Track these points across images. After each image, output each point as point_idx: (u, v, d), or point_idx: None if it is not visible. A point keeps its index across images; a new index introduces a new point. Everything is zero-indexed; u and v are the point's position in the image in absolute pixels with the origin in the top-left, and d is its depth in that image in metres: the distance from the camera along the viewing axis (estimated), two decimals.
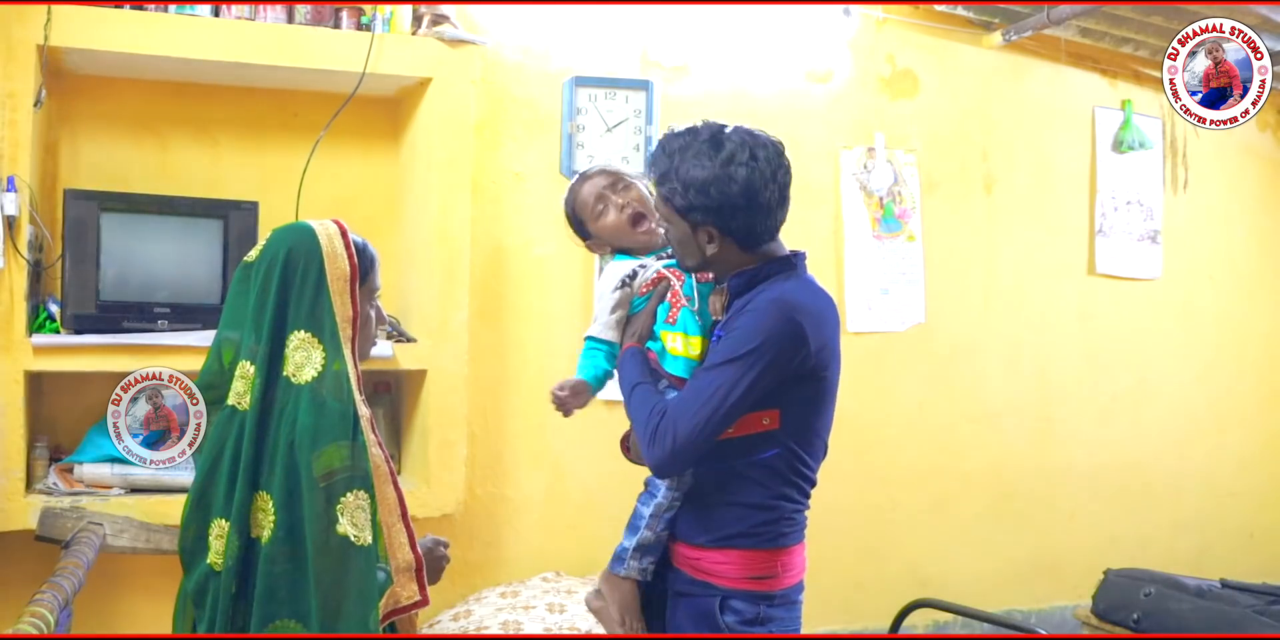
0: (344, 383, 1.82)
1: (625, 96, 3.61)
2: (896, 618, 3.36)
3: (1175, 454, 4.65)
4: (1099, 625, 3.64)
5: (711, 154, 1.89)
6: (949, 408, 4.19)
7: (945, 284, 4.15)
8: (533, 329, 3.57)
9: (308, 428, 1.78)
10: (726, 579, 1.97)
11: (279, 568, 1.77)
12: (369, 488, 1.80)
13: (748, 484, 1.96)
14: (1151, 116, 4.57)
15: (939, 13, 4.09)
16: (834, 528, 3.73)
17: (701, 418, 1.85)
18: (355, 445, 1.79)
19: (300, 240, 1.88)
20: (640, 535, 2.03)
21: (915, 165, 4.10)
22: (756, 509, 1.96)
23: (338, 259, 1.86)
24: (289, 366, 1.83)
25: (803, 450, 1.96)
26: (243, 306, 1.88)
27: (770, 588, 1.97)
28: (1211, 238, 4.74)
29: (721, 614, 1.96)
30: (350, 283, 1.86)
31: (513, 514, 3.56)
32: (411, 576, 1.82)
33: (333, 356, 1.83)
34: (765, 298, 1.91)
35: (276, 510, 1.78)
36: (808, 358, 1.89)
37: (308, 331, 1.83)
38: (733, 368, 1.85)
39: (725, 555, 1.97)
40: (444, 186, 3.18)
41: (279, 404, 1.82)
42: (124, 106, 3.19)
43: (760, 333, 1.86)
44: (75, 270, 2.84)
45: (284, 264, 1.85)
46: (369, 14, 3.11)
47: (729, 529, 1.97)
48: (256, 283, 1.86)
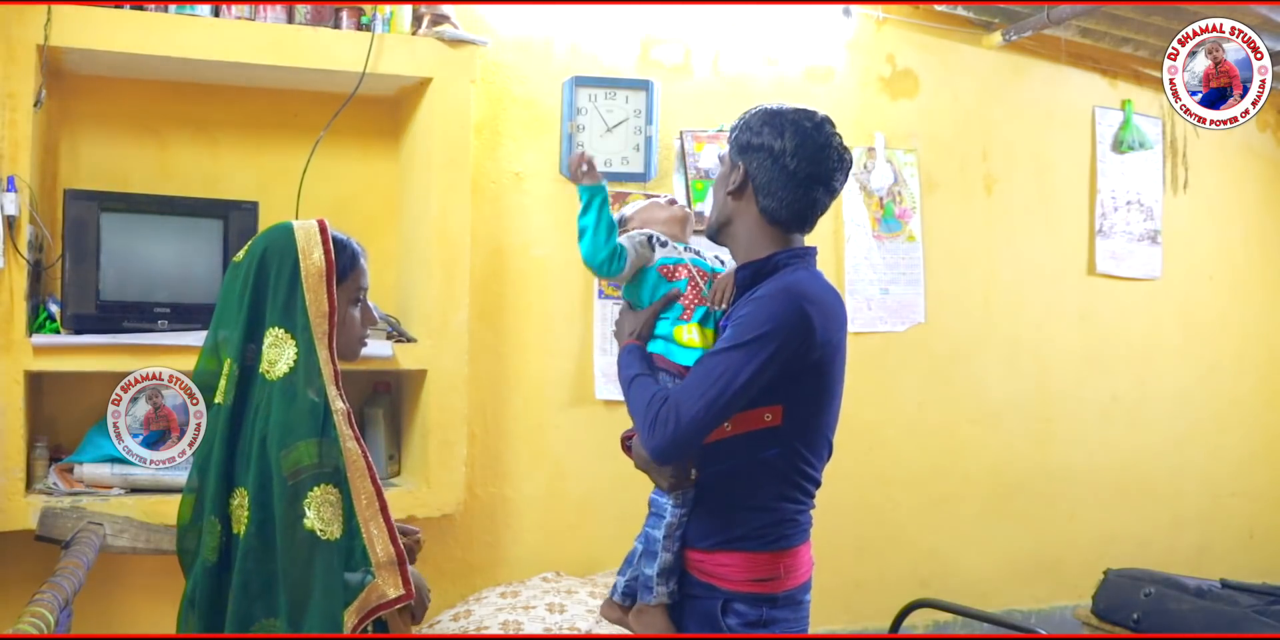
0: (315, 378, 1.83)
1: (625, 96, 3.61)
2: (896, 618, 3.36)
3: (1175, 454, 4.65)
4: (1099, 625, 3.64)
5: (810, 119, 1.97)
6: (949, 408, 4.19)
7: (945, 284, 4.15)
8: (533, 329, 3.57)
9: (278, 423, 1.80)
10: (729, 582, 1.97)
11: (251, 563, 1.78)
12: (339, 483, 1.80)
13: (750, 485, 1.95)
14: (1151, 116, 4.57)
15: (939, 13, 4.09)
16: (834, 528, 3.71)
17: (706, 401, 1.82)
18: (325, 441, 1.80)
19: (277, 238, 1.90)
20: (660, 559, 2.01)
21: (915, 165, 4.10)
22: (759, 510, 1.95)
23: (312, 254, 1.87)
24: (264, 363, 1.85)
25: (805, 449, 1.95)
26: (228, 305, 1.90)
27: (773, 590, 1.96)
28: (1211, 238, 4.74)
29: (724, 617, 1.96)
30: (326, 278, 1.87)
31: (513, 514, 3.56)
32: (394, 570, 1.81)
33: (305, 351, 1.84)
34: (775, 285, 1.91)
35: (251, 506, 1.79)
36: (813, 348, 1.88)
37: (282, 327, 1.85)
38: (739, 352, 1.83)
39: (729, 557, 1.97)
40: (444, 186, 3.18)
41: (254, 400, 1.84)
42: (124, 106, 3.19)
43: (769, 319, 1.84)
44: (75, 270, 2.84)
45: (260, 262, 1.87)
46: (369, 14, 3.11)
47: (733, 531, 1.96)
48: (239, 281, 1.89)
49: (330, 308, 1.86)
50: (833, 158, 1.96)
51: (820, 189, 1.97)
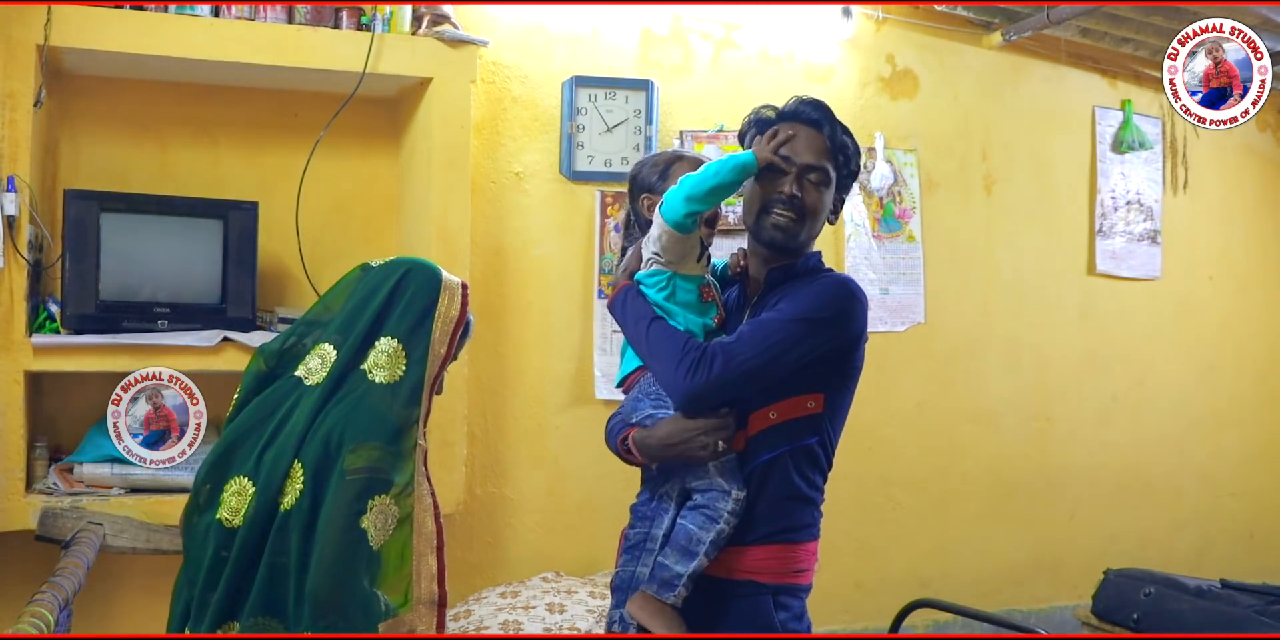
0: (412, 403, 1.92)
1: (625, 96, 3.61)
2: (896, 618, 3.36)
3: (1175, 454, 4.65)
4: (1099, 625, 3.64)
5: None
6: (949, 408, 4.19)
7: (945, 284, 4.15)
8: (533, 329, 3.57)
9: (358, 420, 1.87)
10: (774, 575, 1.90)
11: (294, 535, 1.83)
12: (398, 500, 1.87)
13: (790, 475, 1.91)
14: (1151, 116, 4.57)
15: (939, 13, 4.09)
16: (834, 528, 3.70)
17: (760, 357, 1.82)
18: (391, 452, 1.87)
19: (425, 270, 2.06)
20: (697, 562, 1.86)
21: (915, 165, 4.10)
22: (801, 501, 1.93)
23: (453, 302, 2.01)
24: (369, 362, 1.92)
25: (835, 437, 1.99)
26: (344, 299, 2.01)
27: (809, 581, 1.95)
28: (1211, 238, 4.75)
29: (776, 612, 1.88)
30: (454, 329, 2.00)
31: (513, 514, 3.56)
32: (433, 611, 1.89)
33: (414, 376, 1.93)
34: (833, 278, 1.96)
35: (306, 481, 1.84)
36: (857, 342, 1.94)
37: (400, 342, 1.95)
38: (800, 325, 1.85)
39: (771, 550, 1.90)
40: (444, 186, 3.18)
41: (346, 389, 1.92)
42: (124, 106, 3.20)
43: (831, 306, 1.89)
44: (75, 270, 2.84)
45: (402, 278, 2.01)
46: (369, 14, 3.11)
47: (776, 524, 1.90)
48: (367, 284, 1.99)
49: (447, 355, 1.99)
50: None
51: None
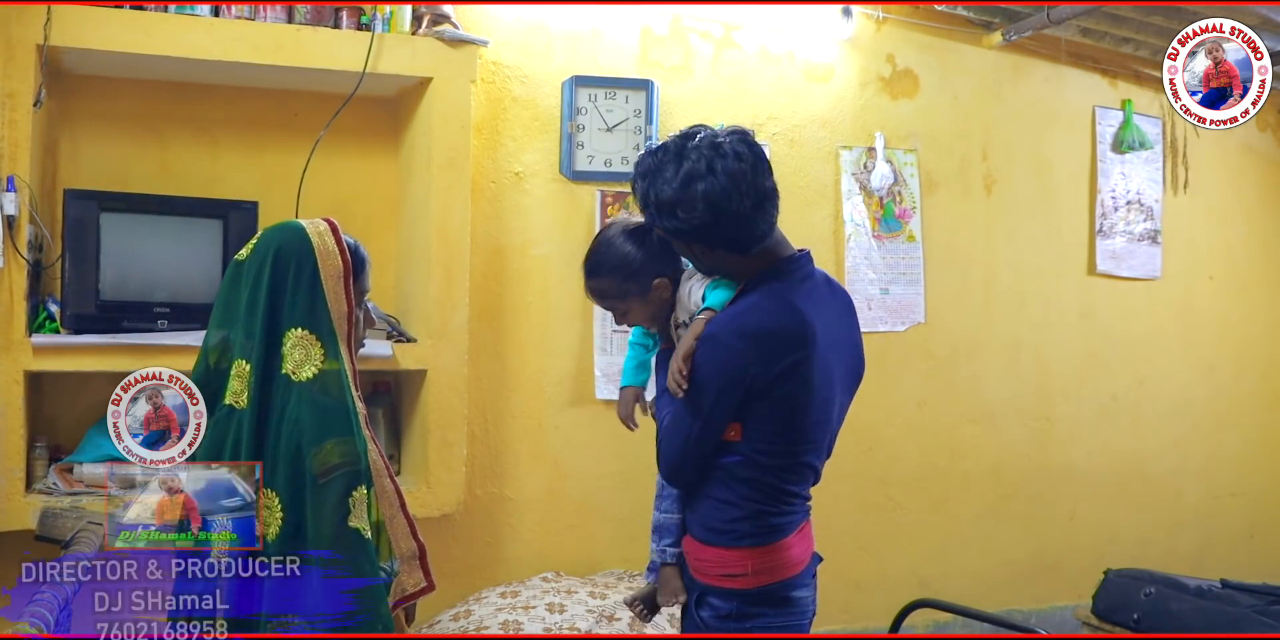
0: (343, 379, 1.83)
1: (625, 96, 3.61)
2: (896, 618, 3.36)
3: (1175, 454, 4.65)
4: (1099, 625, 3.64)
5: (673, 174, 1.90)
6: (949, 408, 4.19)
7: (945, 284, 4.15)
8: (533, 329, 3.57)
9: (311, 425, 1.80)
10: (705, 575, 2.01)
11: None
12: (369, 483, 1.81)
13: (715, 483, 1.99)
14: (1151, 116, 4.57)
15: (939, 13, 4.09)
16: (834, 528, 3.73)
17: (675, 450, 1.97)
18: (355, 440, 1.81)
19: (291, 238, 1.88)
20: (654, 517, 2.10)
21: (915, 165, 4.10)
22: (727, 506, 1.98)
23: (330, 256, 1.87)
24: (288, 364, 1.83)
25: (771, 460, 1.95)
26: (234, 304, 1.88)
27: (745, 586, 1.97)
28: (1211, 238, 4.74)
29: (698, 609, 2.02)
30: (344, 279, 1.87)
31: (513, 514, 3.56)
32: (416, 564, 1.87)
33: (331, 353, 1.84)
34: (711, 327, 1.90)
35: (284, 508, 1.79)
36: (757, 380, 1.88)
37: (305, 329, 1.84)
38: (685, 408, 1.93)
39: (705, 551, 2.01)
40: (444, 186, 3.18)
41: (278, 402, 1.83)
42: (124, 106, 3.19)
43: (700, 370, 1.89)
44: (75, 270, 2.84)
45: (274, 262, 1.85)
46: (369, 14, 3.11)
47: (709, 523, 2.00)
48: (248, 280, 1.87)
49: (349, 308, 1.88)
50: (729, 187, 1.87)
51: (751, 208, 1.90)
